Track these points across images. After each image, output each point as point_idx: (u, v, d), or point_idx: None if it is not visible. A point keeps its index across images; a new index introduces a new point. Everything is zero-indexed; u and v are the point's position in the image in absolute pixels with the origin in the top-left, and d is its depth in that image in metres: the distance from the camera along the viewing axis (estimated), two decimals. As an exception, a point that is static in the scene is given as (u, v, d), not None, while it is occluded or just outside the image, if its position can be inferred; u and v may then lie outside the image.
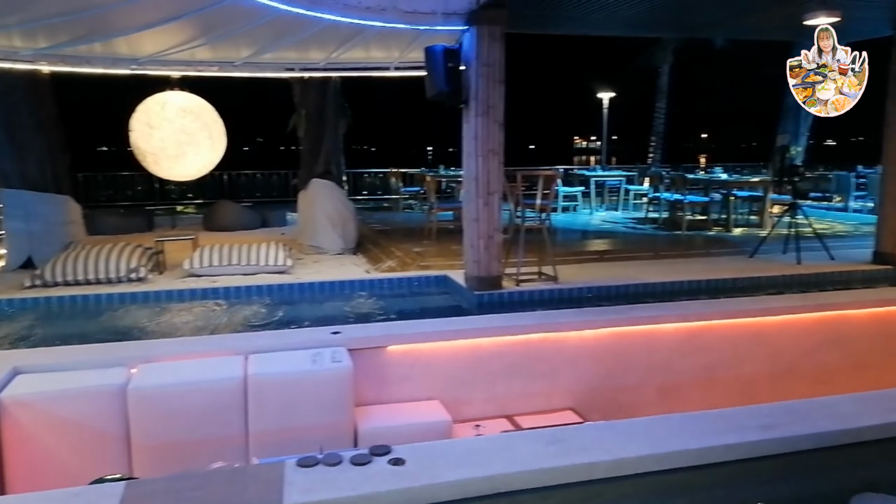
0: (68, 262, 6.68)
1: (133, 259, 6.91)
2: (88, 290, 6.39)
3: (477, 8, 5.38)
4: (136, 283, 6.74)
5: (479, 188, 5.80)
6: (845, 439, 3.12)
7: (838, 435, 3.11)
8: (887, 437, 3.16)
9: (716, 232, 9.69)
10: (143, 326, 5.50)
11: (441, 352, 4.89)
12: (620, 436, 3.01)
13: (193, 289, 6.41)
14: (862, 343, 5.70)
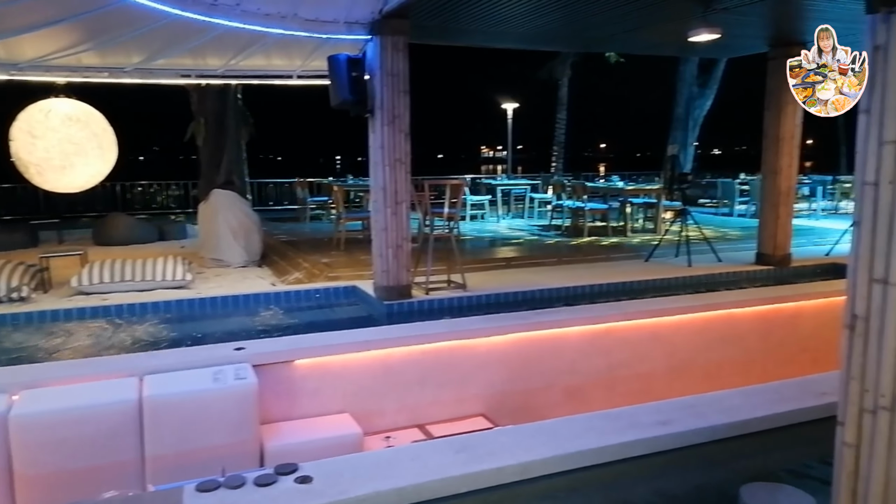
0: (-64, 282, 6.07)
1: (14, 277, 6.38)
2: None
3: (380, 18, 5.37)
4: (17, 303, 6.22)
5: (386, 198, 5.77)
6: (734, 431, 3.32)
7: (728, 427, 3.31)
8: (772, 428, 3.40)
9: (615, 237, 10.13)
10: (26, 350, 5.07)
11: (351, 364, 4.81)
12: (527, 439, 3.06)
13: (82, 307, 5.98)
14: (748, 339, 6.12)
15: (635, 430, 3.17)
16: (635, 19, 6.36)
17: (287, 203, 14.82)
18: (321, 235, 10.21)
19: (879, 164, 1.75)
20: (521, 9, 5.77)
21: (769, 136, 7.41)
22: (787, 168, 7.39)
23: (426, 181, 6.28)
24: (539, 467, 2.89)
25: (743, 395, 3.66)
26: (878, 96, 1.75)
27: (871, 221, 1.79)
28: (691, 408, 3.46)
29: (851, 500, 1.97)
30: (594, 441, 3.05)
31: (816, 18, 6.22)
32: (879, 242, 1.78)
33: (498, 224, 12.18)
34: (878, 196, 1.76)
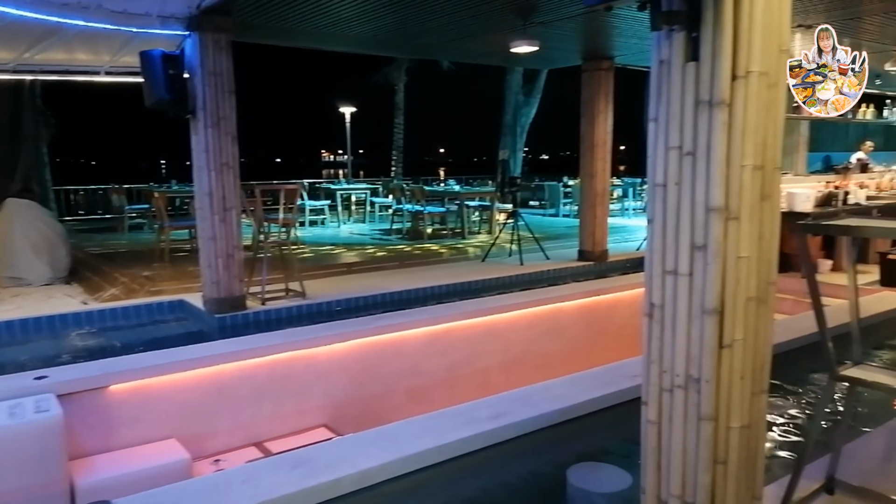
0: None
1: None
2: None
3: (198, 13, 5.05)
4: None
5: (213, 204, 5.44)
6: (562, 417, 3.54)
7: (556, 414, 3.52)
8: (595, 411, 3.67)
9: (453, 239, 10.43)
10: None
11: (177, 384, 4.47)
12: (366, 446, 3.03)
13: None
14: (574, 330, 6.59)
15: (472, 425, 3.26)
16: (461, 29, 6.59)
17: (102, 212, 13.44)
18: (142, 247, 9.41)
19: (666, 167, 1.94)
20: (349, 12, 5.73)
21: (585, 143, 8.04)
22: (601, 172, 8.06)
23: (258, 186, 6.02)
24: (378, 473, 2.87)
25: (568, 382, 3.92)
26: (663, 106, 1.94)
27: (661, 219, 1.98)
28: (523, 398, 3.63)
29: (657, 473, 2.16)
30: (433, 440, 3.09)
31: (619, 35, 6.87)
32: (669, 238, 1.97)
33: (338, 229, 12.03)
34: (666, 196, 1.95)
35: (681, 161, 1.89)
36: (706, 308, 1.90)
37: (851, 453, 2.90)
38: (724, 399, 1.96)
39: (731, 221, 1.84)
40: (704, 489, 2.00)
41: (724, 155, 1.80)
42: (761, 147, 1.83)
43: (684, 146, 1.88)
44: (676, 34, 1.83)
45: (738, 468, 2.01)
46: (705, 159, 1.83)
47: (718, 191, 1.81)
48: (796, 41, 7.48)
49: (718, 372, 1.93)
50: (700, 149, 1.84)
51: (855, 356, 2.47)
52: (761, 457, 2.10)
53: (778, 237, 1.97)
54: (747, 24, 1.75)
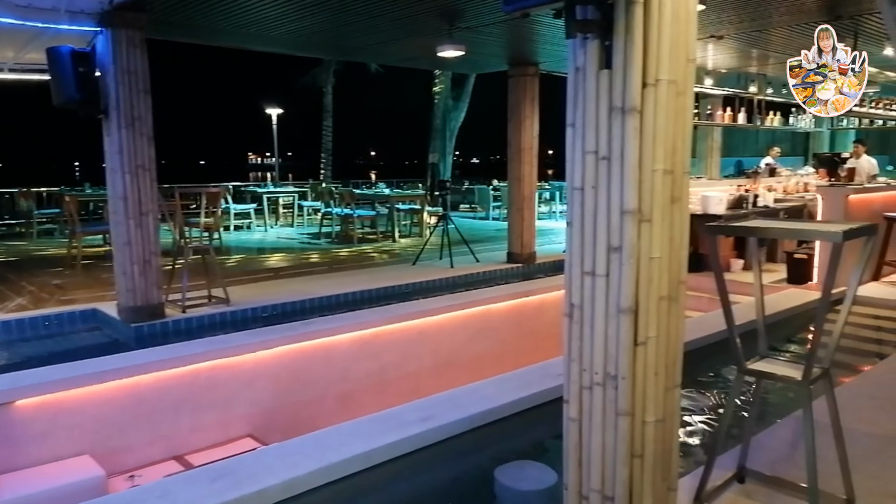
0: None
1: None
2: None
3: (110, 9, 4.81)
4: None
5: (128, 208, 5.20)
6: (490, 418, 3.58)
7: (484, 415, 3.55)
8: (521, 410, 3.72)
9: (384, 243, 10.38)
10: None
11: (91, 398, 4.25)
12: (291, 455, 2.97)
13: None
14: (503, 331, 6.67)
15: (400, 429, 3.25)
16: (387, 32, 6.58)
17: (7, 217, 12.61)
18: (52, 253, 8.89)
19: (584, 171, 1.99)
20: (270, 12, 5.61)
21: (512, 147, 8.18)
22: (528, 175, 8.22)
23: (177, 189, 5.80)
24: (305, 482, 2.82)
25: (496, 383, 3.97)
26: (580, 112, 1.99)
27: (579, 222, 2.04)
28: (451, 401, 3.65)
29: (578, 469, 2.21)
30: (361, 446, 3.06)
31: (543, 42, 7.03)
32: (587, 240, 2.03)
33: (265, 234, 11.75)
34: (583, 199, 2.01)
35: (597, 165, 1.95)
36: (622, 307, 1.96)
37: (760, 443, 3.07)
38: (640, 395, 2.03)
39: (643, 223, 1.91)
40: (623, 482, 2.07)
41: (636, 159, 1.86)
42: (671, 152, 1.91)
43: (600, 151, 1.93)
44: (591, 42, 1.89)
45: (654, 461, 2.09)
46: (619, 164, 1.89)
47: (632, 194, 1.88)
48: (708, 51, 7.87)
49: (634, 369, 2.00)
50: (614, 153, 1.90)
51: (761, 350, 2.61)
52: (676, 449, 2.18)
53: (687, 238, 2.06)
54: (656, 35, 1.82)
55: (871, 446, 3.09)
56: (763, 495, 2.63)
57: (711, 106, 10.38)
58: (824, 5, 5.87)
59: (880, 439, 3.18)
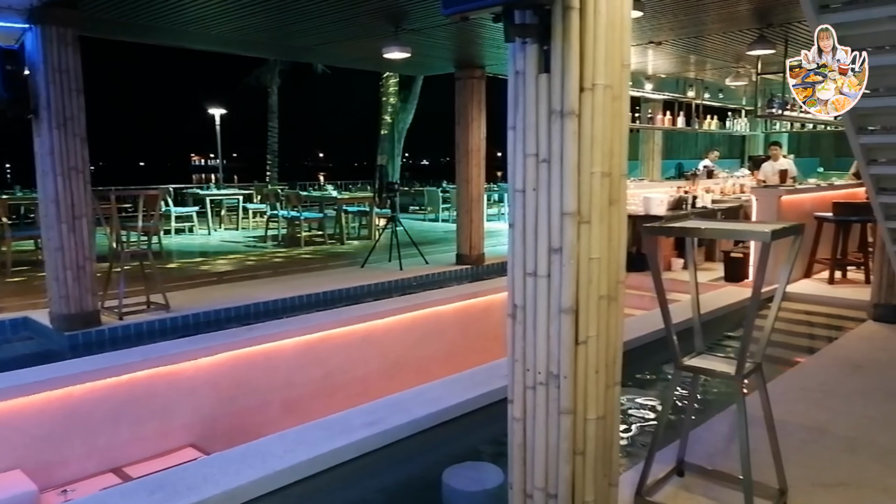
0: None
1: None
2: None
3: (40, 5, 4.61)
4: None
5: (61, 212, 4.98)
6: (437, 420, 3.57)
7: (430, 417, 3.54)
8: (469, 412, 3.73)
9: (331, 246, 10.27)
10: None
11: (21, 410, 4.06)
12: (233, 464, 2.90)
13: None
14: (451, 332, 6.69)
15: (346, 434, 3.22)
16: (332, 33, 6.51)
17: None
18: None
19: (525, 173, 2.01)
20: (209, 10, 5.47)
21: (460, 149, 8.22)
22: (476, 177, 8.28)
23: (112, 192, 5.59)
24: (247, 491, 2.75)
25: (443, 385, 3.97)
26: (520, 115, 2.01)
27: (521, 223, 2.05)
28: (398, 404, 3.63)
29: (522, 468, 2.23)
30: (305, 453, 3.01)
31: (488, 45, 7.09)
32: (529, 241, 2.05)
33: (208, 237, 11.46)
34: (525, 201, 2.03)
35: (538, 168, 1.97)
36: (563, 307, 1.99)
37: (698, 437, 3.17)
38: (581, 393, 2.06)
39: (583, 225, 1.94)
40: (565, 480, 2.09)
41: (575, 162, 1.89)
42: (608, 155, 1.95)
43: (540, 154, 1.96)
44: (530, 46, 1.91)
45: (596, 458, 2.12)
46: (559, 166, 1.92)
47: (571, 196, 1.91)
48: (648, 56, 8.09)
49: (575, 367, 2.03)
50: (554, 156, 1.92)
51: (697, 347, 2.70)
52: (616, 445, 2.23)
53: (625, 239, 2.10)
54: (592, 40, 1.85)
55: (802, 437, 3.23)
56: (701, 487, 2.72)
57: (652, 110, 10.68)
58: (756, 13, 6.13)
59: (811, 430, 3.33)
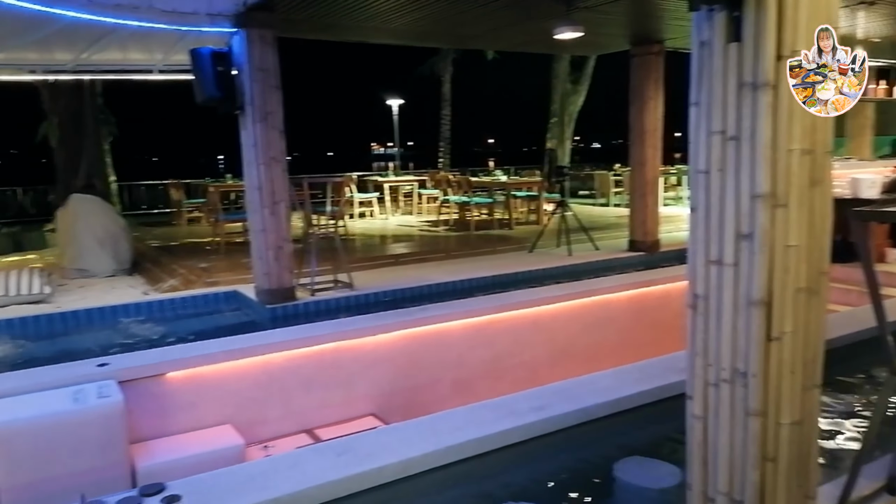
0: None
1: None
2: None
3: (244, 10, 5.14)
4: None
5: (262, 197, 5.56)
6: (607, 411, 3.48)
7: (600, 407, 3.46)
8: (641, 405, 3.59)
9: (500, 230, 10.38)
10: None
11: (230, 372, 4.61)
12: (408, 436, 3.06)
13: (-82, 331, 5.33)
14: (622, 322, 6.46)
15: (513, 417, 3.25)
16: (502, 18, 6.50)
17: (162, 206, 13.97)
18: (199, 239, 9.71)
19: (709, 153, 1.87)
20: (387, 5, 5.73)
21: (634, 130, 7.85)
22: (651, 159, 7.86)
23: (305, 179, 6.12)
24: (420, 463, 2.89)
25: (614, 375, 3.85)
26: (705, 89, 1.86)
27: (704, 207, 1.91)
28: (566, 391, 3.59)
29: (703, 468, 2.10)
30: (474, 432, 3.09)
31: (669, 17, 6.65)
32: (713, 226, 1.90)
33: (386, 221, 12.14)
34: (709, 183, 1.88)
35: (724, 146, 1.82)
36: (752, 299, 1.83)
37: (915, 452, 2.76)
38: (773, 394, 1.88)
39: (778, 209, 1.76)
40: (753, 486, 1.94)
41: (769, 139, 1.72)
42: (810, 130, 1.75)
43: (727, 131, 1.80)
44: (717, 14, 1.76)
45: (789, 466, 1.94)
46: (749, 144, 1.75)
47: (764, 177, 1.74)
48: (858, 19, 7.07)
49: (766, 366, 1.86)
50: (744, 133, 1.76)
51: (918, 350, 2.34)
52: (815, 454, 2.02)
53: (830, 225, 1.88)
54: (793, 2, 1.66)
55: None
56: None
57: (863, 78, 9.36)
58: None
59: None
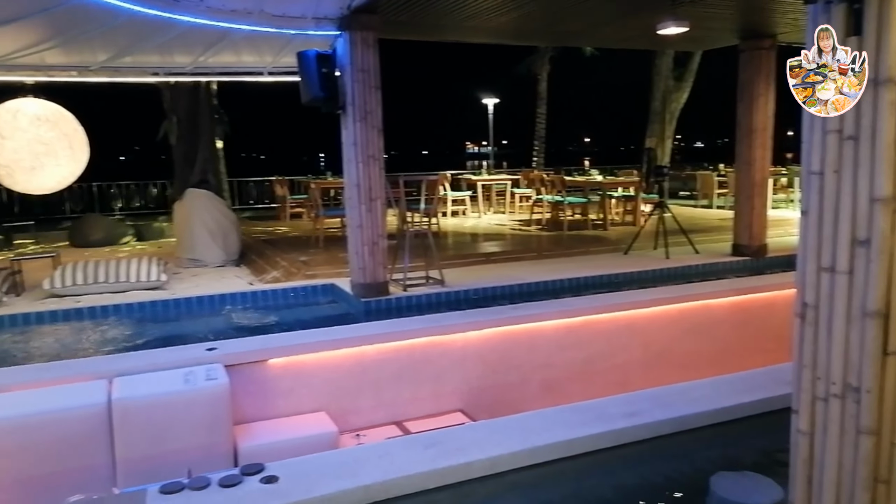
0: None
1: (-17, 282, 6.28)
2: (-72, 318, 5.73)
3: (348, 13, 5.33)
4: (-13, 307, 6.12)
5: (360, 194, 5.75)
6: (703, 421, 3.35)
7: (696, 418, 3.34)
8: (742, 417, 3.43)
9: (594, 231, 10.17)
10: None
11: (325, 362, 4.80)
12: (497, 433, 3.07)
13: (54, 310, 5.90)
14: (723, 329, 6.17)
15: (603, 422, 3.19)
16: (602, 13, 6.36)
17: (267, 201, 14.73)
18: (300, 233, 10.16)
19: (823, 152, 1.76)
20: (487, 3, 5.75)
21: (742, 128, 7.46)
22: (760, 159, 7.44)
23: (401, 177, 6.27)
24: (507, 461, 2.90)
25: (712, 385, 3.69)
26: (822, 86, 1.76)
27: (817, 211, 1.80)
28: (660, 399, 3.48)
29: (807, 486, 1.99)
30: (563, 434, 3.07)
31: (781, 11, 6.27)
32: (826, 231, 1.79)
33: (479, 219, 12.18)
34: (822, 185, 1.77)
35: (840, 146, 1.71)
36: (868, 310, 1.71)
37: None
38: (889, 412, 1.75)
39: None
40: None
41: (892, 138, 1.60)
42: (941, 129, 1.61)
43: (844, 129, 1.69)
44: (836, 6, 1.66)
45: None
46: (870, 143, 1.64)
47: (885, 178, 1.62)
48: None
49: (882, 381, 1.74)
50: (863, 132, 1.65)
51: None
52: (936, 481, 1.86)
53: (963, 232, 1.72)
54: (925, -9, 1.54)
55: None
56: None
57: None
58: None
59: None
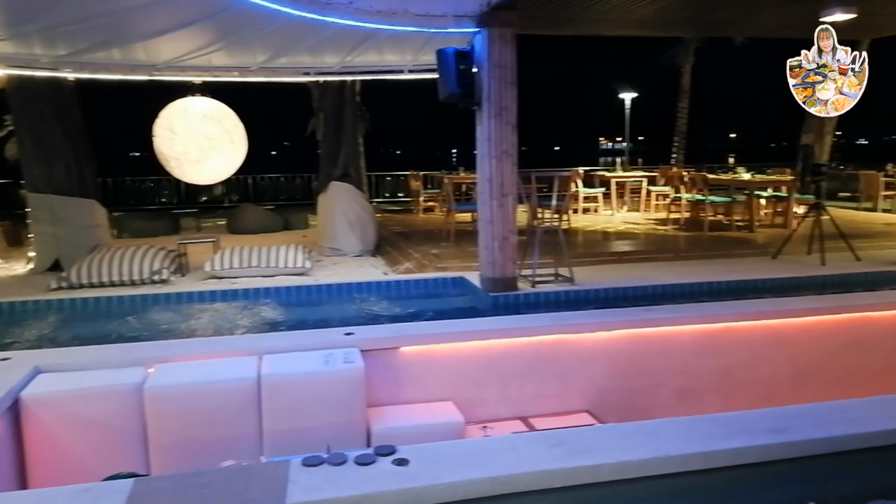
0: (93, 264, 6.85)
1: (156, 261, 7.06)
2: (112, 291, 6.54)
3: (488, 10, 5.38)
4: (158, 284, 6.88)
5: (492, 190, 5.79)
6: (859, 443, 3.05)
7: (852, 439, 3.04)
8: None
9: (739, 233, 9.54)
10: (163, 327, 5.60)
11: (454, 353, 4.89)
12: (626, 438, 2.98)
13: (214, 290, 6.51)
14: (888, 345, 5.56)
15: (746, 436, 3.00)
16: (759, 0, 5.92)
17: (402, 195, 15.29)
18: (433, 227, 10.42)
19: None
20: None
21: (920, 123, 6.66)
22: (941, 157, 6.60)
23: (533, 173, 6.24)
24: (638, 468, 2.81)
25: (873, 404, 3.35)
26: None
27: None
28: (811, 416, 3.21)
29: None
30: (699, 445, 2.92)
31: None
32: None
33: (611, 217, 11.85)
34: None
35: None
36: None
37: None
38: None
39: None
40: None
41: None
42: None
43: None
44: None
45: None
46: None
47: None
48: None
49: None
50: None
51: None
52: None
53: None
54: None
55: None
56: None
57: None
58: None
59: None
